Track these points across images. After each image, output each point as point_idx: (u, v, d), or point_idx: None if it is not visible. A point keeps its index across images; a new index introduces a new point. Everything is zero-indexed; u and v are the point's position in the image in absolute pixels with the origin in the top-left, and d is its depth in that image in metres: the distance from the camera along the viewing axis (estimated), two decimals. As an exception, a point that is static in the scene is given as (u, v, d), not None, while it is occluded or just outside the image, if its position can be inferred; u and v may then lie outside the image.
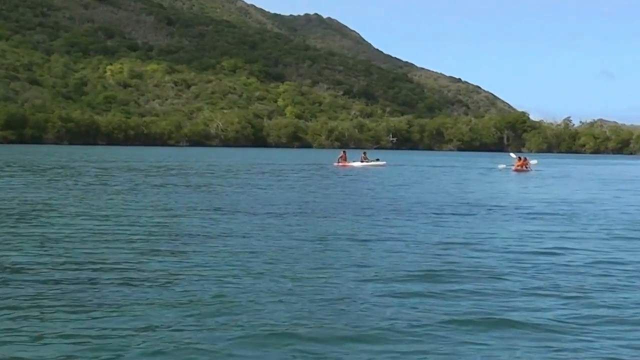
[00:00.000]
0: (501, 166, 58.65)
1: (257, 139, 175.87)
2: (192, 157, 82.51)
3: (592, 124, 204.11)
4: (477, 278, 11.42)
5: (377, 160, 60.31)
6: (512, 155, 61.16)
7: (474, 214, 21.20)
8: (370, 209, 22.01)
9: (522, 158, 59.18)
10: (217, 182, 34.73)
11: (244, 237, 15.63)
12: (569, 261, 13.39)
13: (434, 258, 13.17)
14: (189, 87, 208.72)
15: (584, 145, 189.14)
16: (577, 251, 14.65)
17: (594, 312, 9.52)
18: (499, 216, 20.97)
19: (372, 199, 26.01)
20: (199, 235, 15.77)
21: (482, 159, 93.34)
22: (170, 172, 45.43)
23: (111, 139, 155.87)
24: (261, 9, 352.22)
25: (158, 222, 17.99)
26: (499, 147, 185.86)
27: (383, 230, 17.09)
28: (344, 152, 62.85)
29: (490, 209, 22.96)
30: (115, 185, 31.15)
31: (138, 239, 15.00)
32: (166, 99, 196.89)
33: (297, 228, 17.24)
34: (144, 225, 17.26)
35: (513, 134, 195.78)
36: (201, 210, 21.07)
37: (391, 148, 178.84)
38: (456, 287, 10.76)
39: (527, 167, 56.76)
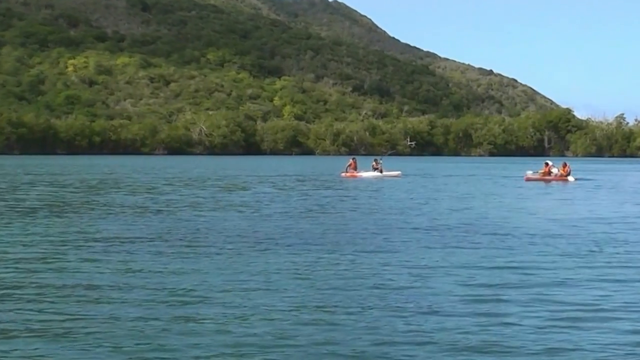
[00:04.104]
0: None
1: (249, 145, 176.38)
2: (151, 166, 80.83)
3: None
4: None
5: (380, 164, 60.44)
6: (549, 162, 57.71)
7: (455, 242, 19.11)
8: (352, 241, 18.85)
9: (563, 164, 55.98)
10: (142, 201, 31.27)
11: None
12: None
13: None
14: (167, 84, 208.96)
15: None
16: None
17: None
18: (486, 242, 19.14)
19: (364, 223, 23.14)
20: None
21: (514, 166, 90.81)
22: (100, 186, 42.57)
23: (72, 146, 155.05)
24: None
25: None
26: (538, 150, 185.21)
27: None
28: (353, 159, 61.90)
29: (485, 234, 20.92)
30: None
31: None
32: (140, 99, 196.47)
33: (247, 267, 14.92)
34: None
35: (555, 135, 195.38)
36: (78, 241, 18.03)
37: (410, 154, 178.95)
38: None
39: (564, 175, 53.96)
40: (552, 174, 54.16)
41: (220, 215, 25.40)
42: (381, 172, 59.15)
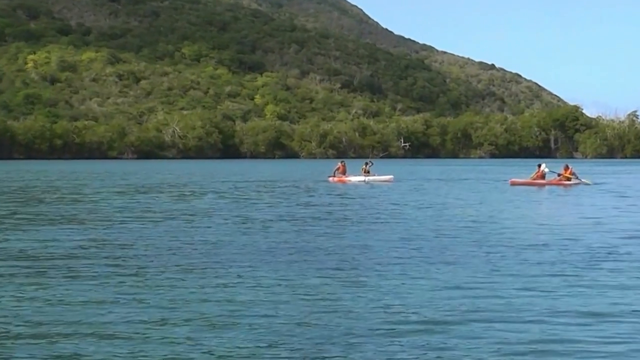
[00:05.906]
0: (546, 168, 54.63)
1: (228, 148, 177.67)
2: (113, 172, 79.67)
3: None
4: None
5: (369, 167, 60.78)
6: (546, 169, 55.44)
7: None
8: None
9: (565, 166, 54.15)
10: (77, 212, 28.88)
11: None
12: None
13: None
14: (137, 81, 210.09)
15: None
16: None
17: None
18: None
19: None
20: None
21: (515, 169, 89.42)
22: (35, 195, 40.65)
23: (31, 150, 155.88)
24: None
25: None
26: (544, 152, 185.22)
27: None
28: (341, 163, 62.12)
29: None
30: None
31: None
32: (107, 98, 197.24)
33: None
34: None
35: (563, 135, 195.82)
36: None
37: (404, 156, 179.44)
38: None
39: (568, 178, 51.95)
40: (545, 178, 52.31)
41: (168, 227, 23.76)
42: (372, 176, 59.14)
